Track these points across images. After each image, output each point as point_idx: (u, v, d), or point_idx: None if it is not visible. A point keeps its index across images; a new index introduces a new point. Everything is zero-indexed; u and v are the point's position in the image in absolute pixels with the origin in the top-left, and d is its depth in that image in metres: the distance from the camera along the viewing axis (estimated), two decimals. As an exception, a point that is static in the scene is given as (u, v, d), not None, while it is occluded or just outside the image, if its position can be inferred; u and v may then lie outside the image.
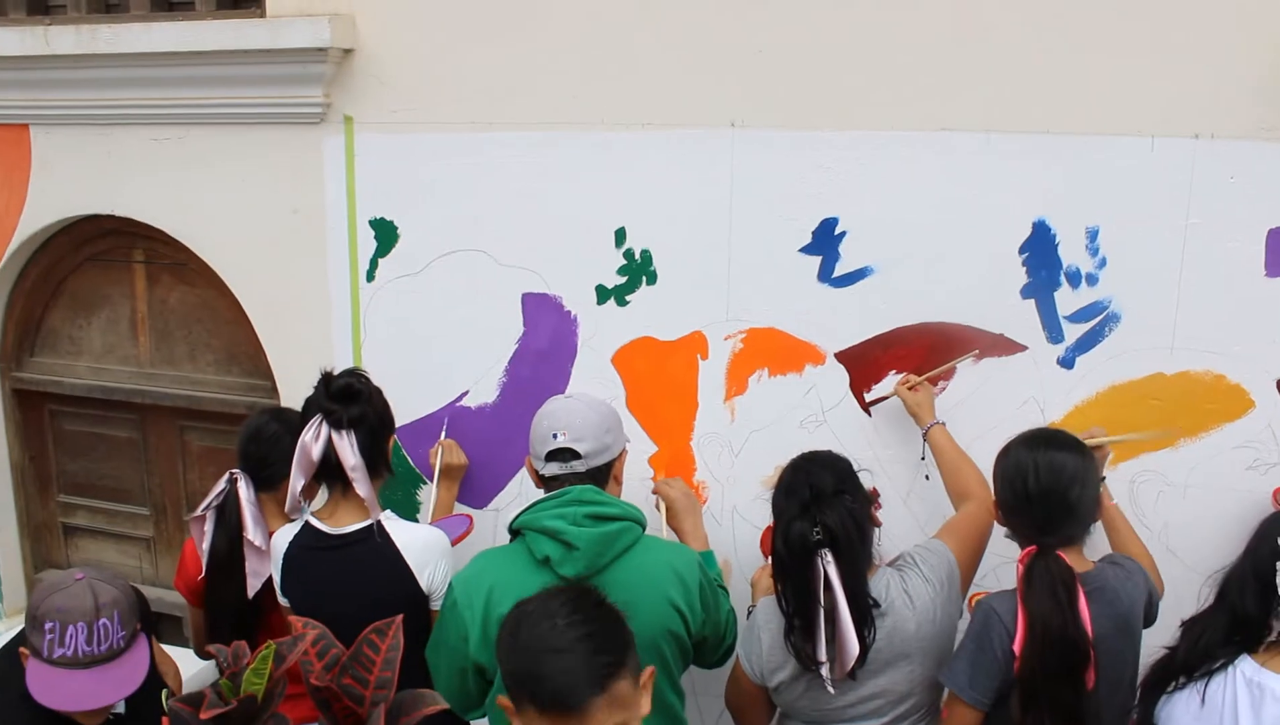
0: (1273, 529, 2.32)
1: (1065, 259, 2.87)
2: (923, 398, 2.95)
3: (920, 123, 2.89)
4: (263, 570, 2.90)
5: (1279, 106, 2.68)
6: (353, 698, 1.27)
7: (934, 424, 2.92)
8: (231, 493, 2.95)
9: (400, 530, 2.78)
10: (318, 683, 1.27)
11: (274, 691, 1.28)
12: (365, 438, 2.76)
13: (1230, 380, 2.83)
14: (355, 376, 2.83)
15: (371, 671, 1.31)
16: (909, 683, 2.43)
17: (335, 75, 3.35)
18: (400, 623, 1.35)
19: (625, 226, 3.16)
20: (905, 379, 3.00)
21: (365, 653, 1.32)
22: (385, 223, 3.41)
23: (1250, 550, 2.34)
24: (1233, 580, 2.33)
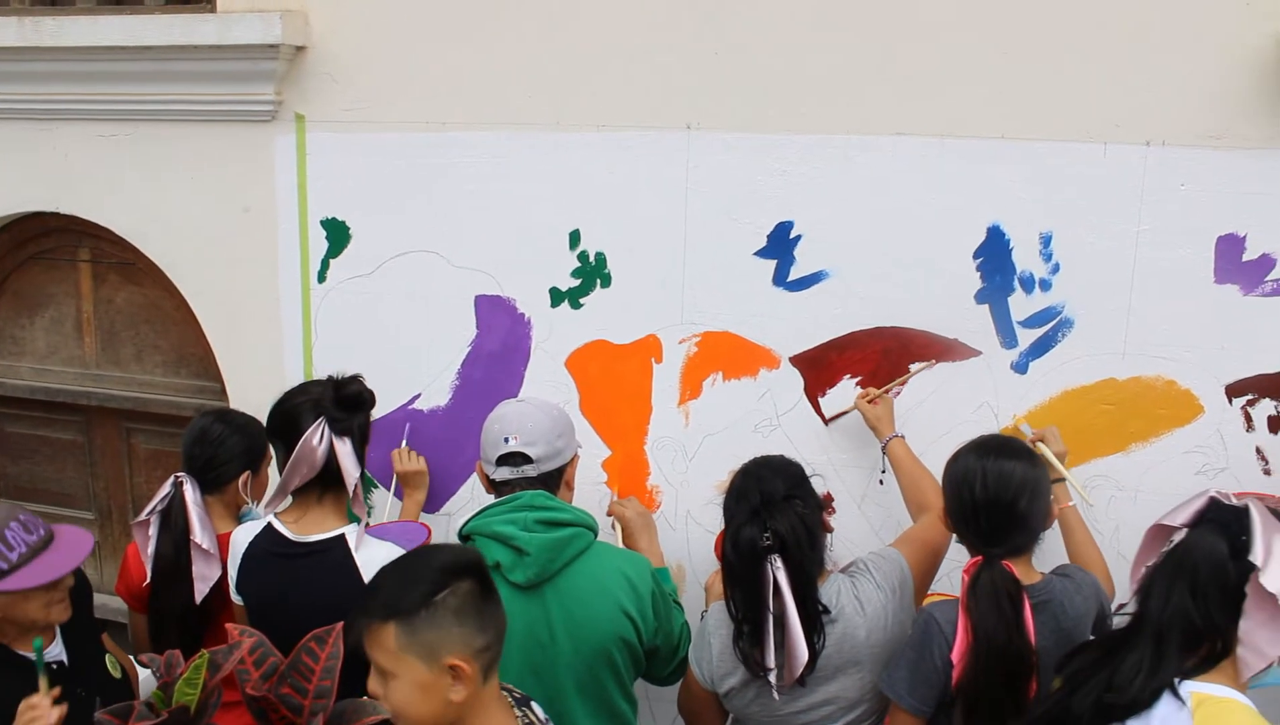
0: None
1: (1019, 264, 2.88)
2: (882, 411, 2.96)
3: (876, 127, 2.89)
4: (210, 574, 2.84)
5: (1228, 116, 2.71)
6: (291, 707, 1.24)
7: (893, 437, 2.93)
8: (177, 496, 2.89)
9: (362, 548, 2.66)
10: (254, 692, 1.23)
11: (208, 702, 1.24)
12: (359, 447, 2.71)
13: (1181, 386, 2.85)
14: (363, 384, 2.76)
15: (310, 680, 1.27)
16: (860, 689, 2.41)
17: (287, 72, 3.30)
18: (340, 631, 1.31)
19: (580, 229, 3.14)
20: (865, 393, 3.00)
21: (304, 661, 1.28)
22: (337, 223, 3.37)
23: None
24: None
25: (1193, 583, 1.98)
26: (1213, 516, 2.03)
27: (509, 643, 2.40)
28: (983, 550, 2.31)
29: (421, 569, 1.91)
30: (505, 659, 2.40)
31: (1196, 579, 1.98)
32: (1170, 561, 2.03)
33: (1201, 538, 2.00)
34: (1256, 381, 2.82)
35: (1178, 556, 2.02)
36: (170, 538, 2.86)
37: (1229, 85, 2.70)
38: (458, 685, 1.85)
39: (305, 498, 2.70)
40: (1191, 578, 1.98)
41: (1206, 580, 1.97)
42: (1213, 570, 1.97)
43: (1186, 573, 1.99)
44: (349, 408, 2.68)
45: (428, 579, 1.88)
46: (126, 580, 3.02)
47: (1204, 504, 2.06)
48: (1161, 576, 2.03)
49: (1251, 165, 2.72)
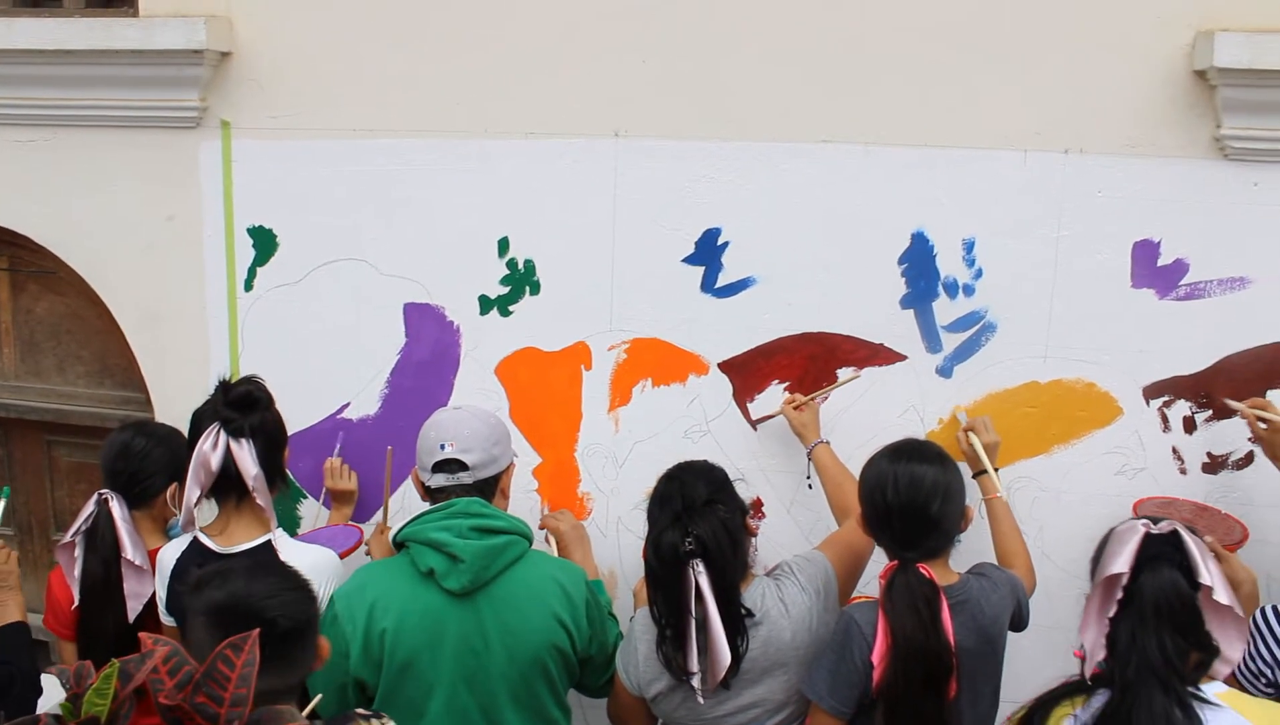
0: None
1: (943, 270, 2.93)
2: (808, 418, 2.98)
3: (802, 134, 2.93)
4: (144, 591, 2.79)
5: (1144, 125, 2.79)
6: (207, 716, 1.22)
7: (818, 443, 2.95)
8: (103, 514, 2.82)
9: (290, 550, 2.65)
10: (168, 701, 1.22)
11: (119, 712, 1.21)
12: (263, 448, 2.65)
13: (1100, 388, 2.92)
14: (254, 384, 2.73)
15: (226, 689, 1.25)
16: (786, 691, 2.43)
17: (212, 79, 3.26)
18: (256, 637, 1.30)
19: (509, 236, 3.14)
20: (791, 399, 3.02)
21: (220, 669, 1.26)
22: (264, 231, 3.33)
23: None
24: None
25: (1172, 620, 2.01)
26: (1155, 552, 2.06)
27: (442, 650, 2.41)
28: (898, 554, 2.34)
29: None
30: (439, 667, 2.41)
31: (1175, 615, 2.01)
32: (1141, 606, 2.03)
33: (1160, 577, 2.03)
34: (1172, 383, 2.89)
35: (1149, 600, 2.02)
36: (98, 557, 2.78)
37: (1144, 95, 2.78)
38: None
39: (225, 507, 2.68)
40: (1171, 617, 2.01)
41: (1183, 610, 2.01)
42: (1182, 601, 2.01)
43: (1165, 613, 2.01)
44: (240, 408, 2.65)
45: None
46: (54, 608, 2.92)
47: (1139, 541, 2.07)
48: (1138, 622, 2.03)
49: (1166, 173, 2.80)
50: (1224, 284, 2.82)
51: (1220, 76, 2.64)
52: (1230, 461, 2.90)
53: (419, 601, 2.41)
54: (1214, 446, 2.90)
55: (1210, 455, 2.91)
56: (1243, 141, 2.72)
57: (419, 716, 2.43)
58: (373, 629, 2.39)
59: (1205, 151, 2.77)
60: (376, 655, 2.40)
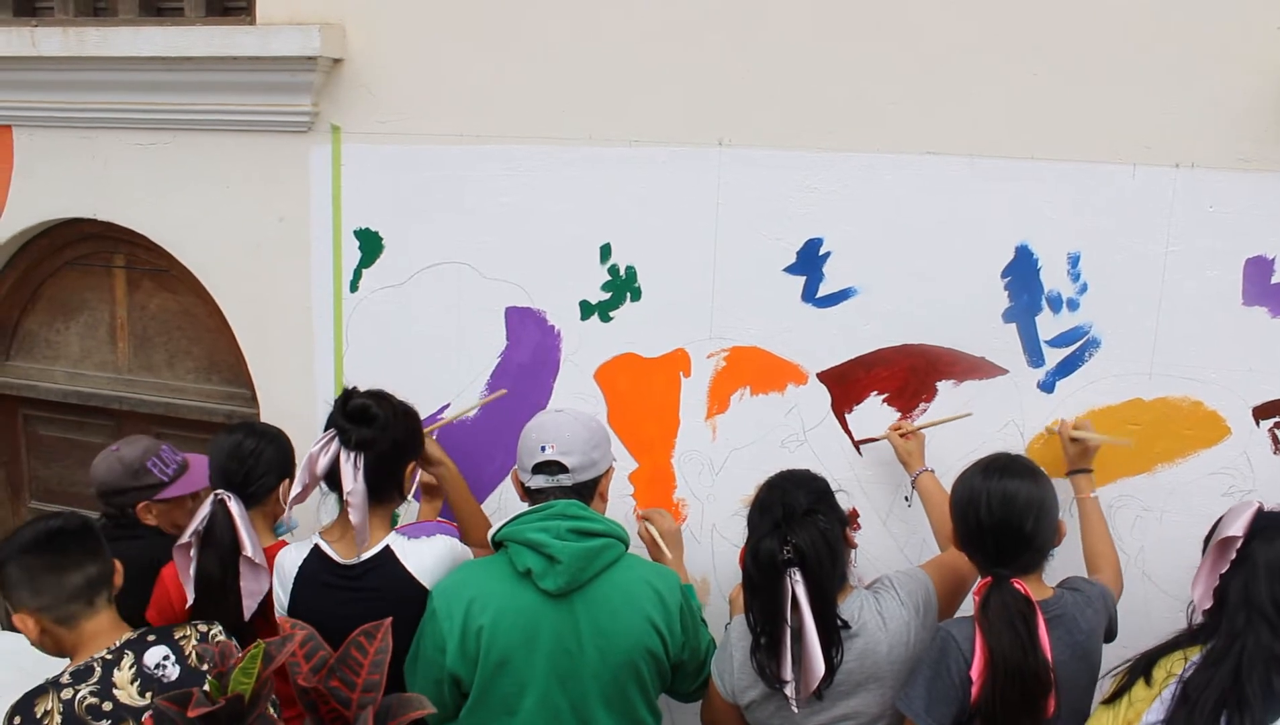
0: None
1: (1047, 283, 2.90)
2: (913, 447, 2.97)
3: (906, 145, 2.91)
4: (260, 589, 2.82)
5: (1256, 138, 2.72)
6: (340, 700, 1.27)
7: (923, 471, 2.94)
8: (220, 513, 2.88)
9: (410, 552, 2.65)
10: (305, 684, 1.26)
11: (261, 692, 1.27)
12: (375, 462, 2.62)
13: (1208, 407, 2.86)
14: (376, 399, 2.69)
15: (359, 674, 1.30)
16: (880, 705, 2.42)
17: (324, 84, 3.35)
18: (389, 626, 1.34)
19: (611, 242, 3.17)
20: (897, 426, 3.01)
21: (353, 655, 1.31)
22: (370, 233, 3.41)
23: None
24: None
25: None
26: (1267, 523, 2.30)
27: (537, 649, 2.44)
28: (991, 571, 2.33)
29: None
30: (533, 665, 2.45)
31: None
32: (1254, 565, 2.25)
33: (1273, 544, 2.26)
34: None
35: (1261, 560, 2.25)
36: (216, 555, 2.82)
37: (1258, 107, 2.71)
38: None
39: (341, 517, 2.68)
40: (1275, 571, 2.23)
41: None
42: None
43: (1276, 572, 2.23)
44: (354, 420, 2.63)
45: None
46: (161, 605, 2.95)
47: (1253, 513, 2.31)
48: (1251, 576, 2.25)
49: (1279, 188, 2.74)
50: (1340, 303, 2.76)
51: (1339, 90, 2.58)
52: (1344, 485, 2.83)
53: (516, 600, 2.45)
54: (1326, 469, 2.84)
55: (1322, 478, 2.84)
56: (1362, 156, 2.65)
57: (512, 714, 2.46)
58: (470, 626, 2.43)
59: (1321, 166, 2.71)
60: (472, 652, 2.44)
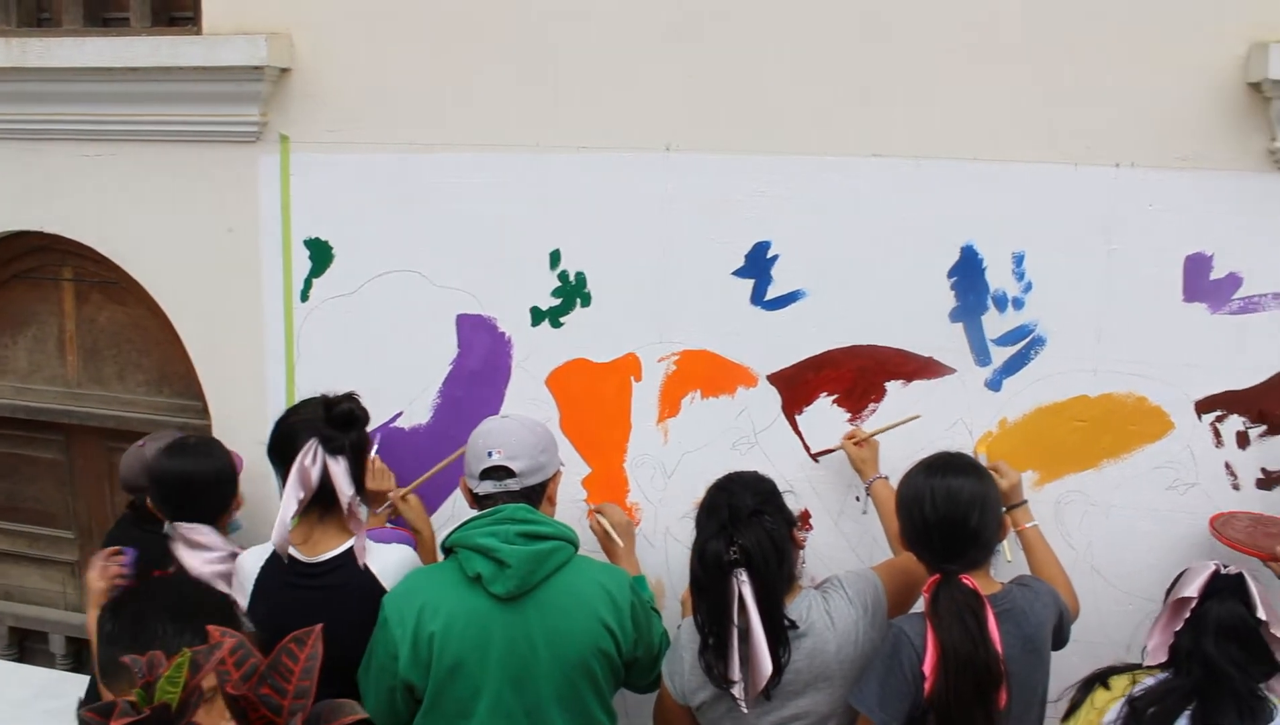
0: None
1: (992, 283, 2.93)
2: (867, 454, 2.99)
3: (851, 148, 2.94)
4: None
5: (1195, 138, 2.78)
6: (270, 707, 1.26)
7: (877, 477, 2.96)
8: None
9: (373, 553, 2.68)
10: (234, 691, 1.26)
11: (189, 701, 1.26)
12: (355, 464, 2.69)
13: (1151, 402, 2.90)
14: (355, 402, 2.74)
15: (290, 681, 1.29)
16: (830, 704, 2.43)
17: (272, 94, 3.33)
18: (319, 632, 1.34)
19: (560, 248, 3.17)
20: (851, 434, 3.03)
21: (284, 662, 1.30)
22: (320, 243, 3.39)
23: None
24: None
25: (1235, 637, 2.44)
26: (1221, 585, 2.50)
27: (489, 654, 2.44)
28: (939, 568, 2.35)
29: None
30: (486, 670, 2.44)
31: (1237, 632, 2.44)
32: (1205, 625, 2.47)
33: (1225, 604, 2.47)
34: (1225, 397, 2.87)
35: (1212, 620, 2.47)
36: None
37: (1197, 108, 2.77)
38: None
39: (307, 518, 2.69)
40: (1233, 633, 2.44)
41: (1245, 630, 2.45)
42: (1244, 623, 2.45)
43: (1227, 631, 2.44)
44: (340, 426, 2.67)
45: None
46: None
47: (1209, 575, 2.52)
48: (1201, 633, 2.47)
49: (1219, 186, 2.79)
50: (1278, 298, 2.80)
51: (1275, 89, 2.63)
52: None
53: (466, 605, 2.45)
54: (1268, 462, 2.88)
55: (1265, 471, 2.88)
56: (1298, 154, 2.70)
57: (466, 718, 2.46)
58: (421, 632, 2.43)
59: (1259, 164, 2.76)
60: (425, 658, 2.44)
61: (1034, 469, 2.97)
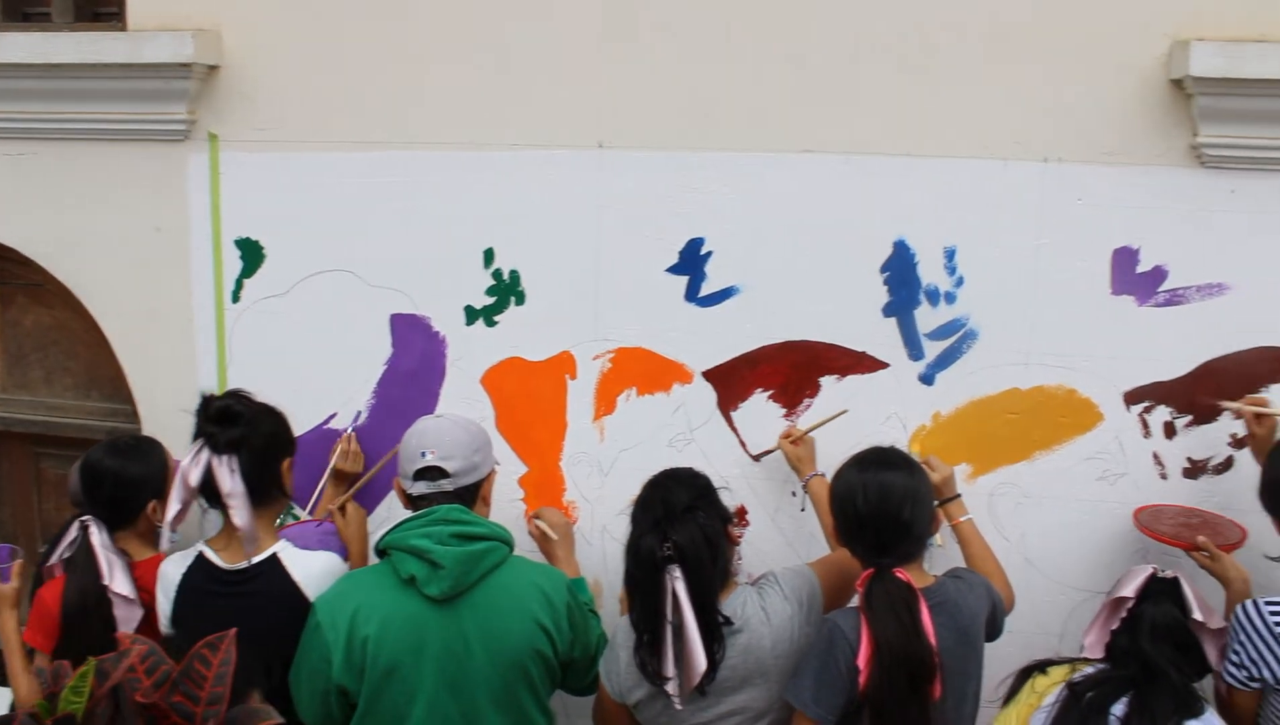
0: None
1: (924, 278, 2.95)
2: (803, 452, 2.99)
3: (784, 145, 2.95)
4: (133, 617, 2.76)
5: (1121, 133, 2.82)
6: (183, 715, 1.23)
7: (814, 475, 2.96)
8: (83, 541, 2.80)
9: (296, 561, 2.65)
10: (144, 700, 1.22)
11: (95, 710, 1.22)
12: (250, 462, 2.60)
13: (1081, 394, 2.94)
14: (236, 398, 2.67)
15: (203, 688, 1.26)
16: (767, 700, 2.44)
17: (200, 92, 3.27)
18: (233, 637, 1.31)
19: (494, 247, 3.15)
20: (787, 433, 3.03)
21: (197, 669, 1.27)
22: (251, 243, 3.34)
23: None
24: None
25: (1170, 637, 2.49)
26: (1157, 588, 2.55)
27: (424, 656, 2.42)
28: (874, 562, 2.36)
29: None
30: (421, 673, 2.42)
31: (1172, 633, 2.50)
32: (1141, 625, 2.52)
33: (1160, 606, 2.52)
34: (1152, 389, 2.91)
35: (1147, 619, 2.51)
36: (77, 585, 2.77)
37: (1122, 104, 2.81)
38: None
39: (228, 525, 2.63)
40: (1168, 634, 2.50)
41: (1179, 631, 2.51)
42: (1179, 624, 2.51)
43: (1162, 631, 2.49)
44: (219, 423, 2.59)
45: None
46: (41, 623, 2.86)
47: (1146, 577, 2.56)
48: (1139, 634, 2.50)
49: (1144, 180, 2.83)
50: (1202, 290, 2.85)
51: (1196, 85, 2.67)
52: (1210, 466, 2.92)
53: (401, 608, 2.42)
54: (1194, 452, 2.92)
55: (1191, 460, 2.93)
56: (1219, 149, 2.74)
57: (402, 721, 2.44)
58: (355, 636, 2.40)
59: (1183, 159, 2.80)
60: (359, 662, 2.41)
61: (967, 462, 3.00)
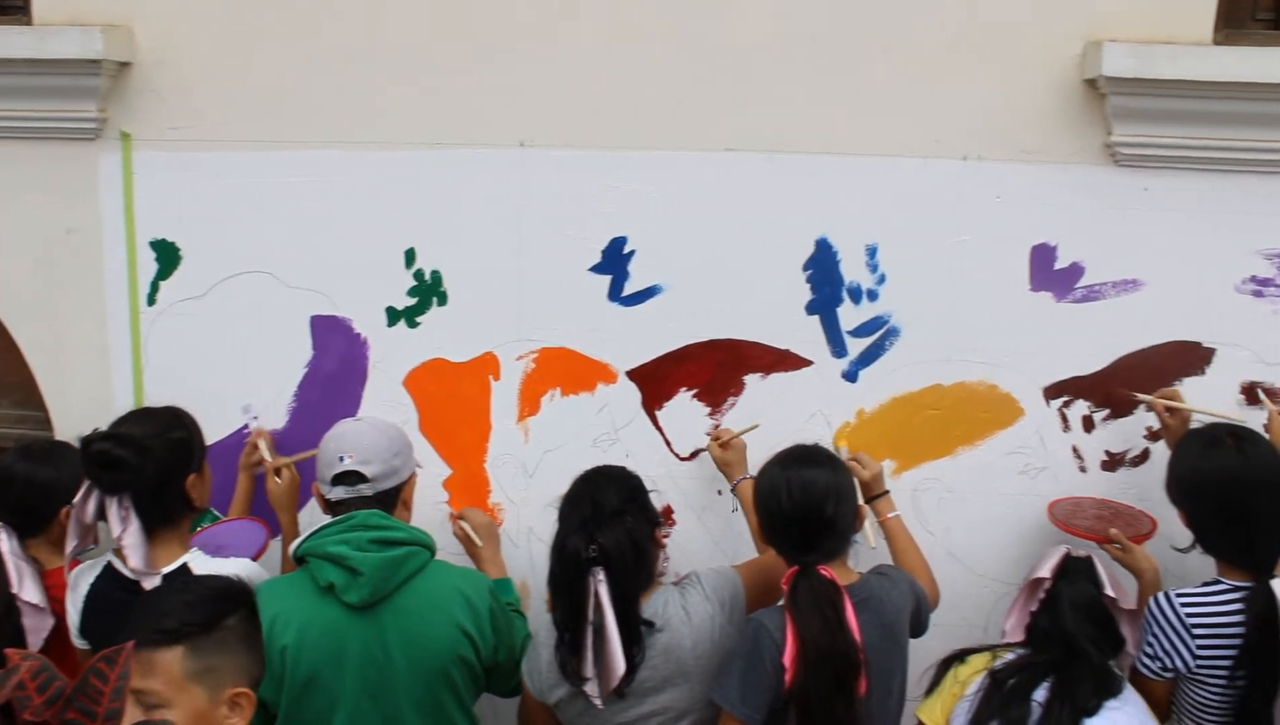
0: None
1: (847, 275, 2.97)
2: (732, 456, 2.98)
3: (706, 143, 2.95)
4: (43, 626, 2.69)
5: (1039, 132, 2.85)
6: (78, 732, 1.20)
7: (744, 478, 2.96)
8: None
9: (208, 569, 2.53)
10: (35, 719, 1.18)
11: (-17, 727, 1.18)
12: (143, 498, 2.47)
13: (1002, 389, 2.98)
14: (116, 440, 2.46)
15: (100, 703, 1.22)
16: (688, 700, 2.44)
17: (110, 89, 3.19)
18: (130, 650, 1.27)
19: (415, 247, 3.11)
20: (717, 436, 3.03)
21: (93, 683, 1.23)
22: (166, 244, 3.27)
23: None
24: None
25: (1087, 614, 2.52)
26: (1071, 568, 2.59)
27: (344, 665, 2.38)
28: (797, 559, 2.37)
29: (204, 592, 1.87)
30: (341, 681, 2.39)
31: (1089, 610, 2.53)
32: (1060, 604, 2.54)
33: (1076, 585, 2.55)
34: (1071, 383, 2.95)
35: (1065, 598, 2.54)
36: None
37: (1039, 104, 2.84)
38: (235, 717, 1.82)
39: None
40: (1085, 610, 2.52)
41: (1096, 607, 2.54)
42: (1095, 601, 2.54)
43: (1080, 608, 2.52)
44: (100, 467, 2.44)
45: (214, 601, 1.83)
46: None
47: (1061, 557, 2.61)
48: (1059, 613, 2.53)
49: (1060, 178, 2.86)
50: (1118, 286, 2.89)
51: (1109, 85, 2.71)
52: (1127, 458, 2.97)
53: (319, 617, 2.39)
54: (1112, 444, 2.97)
55: (1109, 453, 2.98)
56: (1132, 148, 2.79)
57: (324, 732, 2.40)
58: (273, 646, 2.36)
59: (1097, 158, 2.84)
60: (278, 673, 2.37)
61: (891, 458, 3.02)
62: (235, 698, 1.82)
